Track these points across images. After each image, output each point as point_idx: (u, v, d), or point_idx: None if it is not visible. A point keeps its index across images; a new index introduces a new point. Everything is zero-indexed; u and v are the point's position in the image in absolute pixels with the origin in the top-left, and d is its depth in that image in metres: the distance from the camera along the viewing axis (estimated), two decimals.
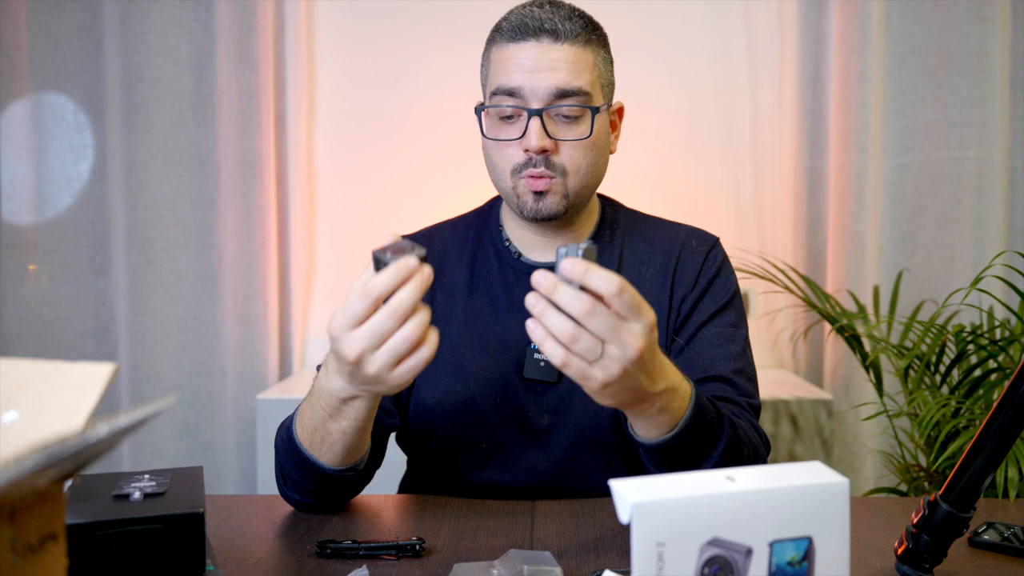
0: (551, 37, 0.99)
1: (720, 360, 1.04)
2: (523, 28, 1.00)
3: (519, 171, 1.02)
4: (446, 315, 1.09)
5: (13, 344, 2.02)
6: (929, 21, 2.04)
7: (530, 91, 0.99)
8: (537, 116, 0.99)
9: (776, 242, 2.15)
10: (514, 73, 1.00)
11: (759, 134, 2.15)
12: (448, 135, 2.16)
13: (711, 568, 0.54)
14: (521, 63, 1.00)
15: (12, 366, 0.51)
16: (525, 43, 1.00)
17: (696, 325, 1.07)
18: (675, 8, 2.15)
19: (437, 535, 0.89)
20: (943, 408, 1.54)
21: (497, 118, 1.03)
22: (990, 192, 2.05)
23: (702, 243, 1.12)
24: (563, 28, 1.00)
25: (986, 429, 0.73)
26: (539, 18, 1.00)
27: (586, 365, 0.73)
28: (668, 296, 1.08)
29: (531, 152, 1.00)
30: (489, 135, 1.04)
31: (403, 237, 1.14)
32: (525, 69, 0.99)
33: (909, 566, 0.76)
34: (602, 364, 0.72)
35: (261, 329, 2.08)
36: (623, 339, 0.72)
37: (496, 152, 1.04)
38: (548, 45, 0.99)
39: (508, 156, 1.02)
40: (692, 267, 1.09)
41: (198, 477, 0.82)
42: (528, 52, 1.00)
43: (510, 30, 1.01)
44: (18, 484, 0.40)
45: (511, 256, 1.11)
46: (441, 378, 1.07)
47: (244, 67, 2.03)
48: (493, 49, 1.04)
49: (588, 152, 1.02)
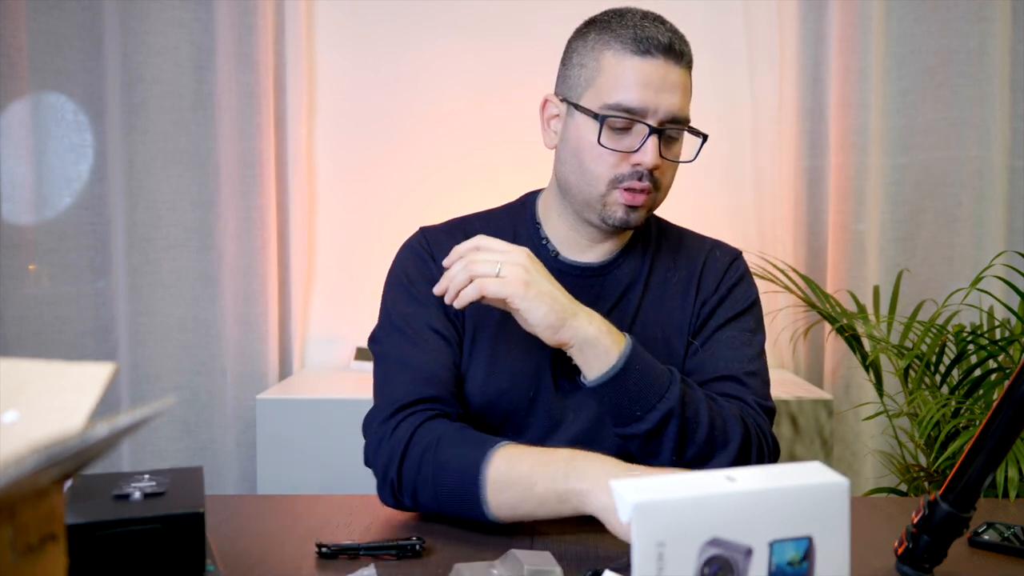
0: (675, 58, 1.00)
1: (734, 361, 1.05)
2: (652, 43, 0.99)
3: (620, 181, 1.02)
4: (485, 311, 1.07)
5: (13, 344, 2.02)
6: (929, 21, 2.04)
7: (652, 110, 0.99)
8: (656, 135, 1.00)
9: (776, 242, 2.15)
10: (637, 91, 0.99)
11: (759, 134, 2.15)
12: (448, 135, 2.16)
13: (711, 568, 0.54)
14: (647, 80, 0.99)
15: (12, 366, 0.51)
16: (653, 59, 0.99)
17: (713, 328, 1.09)
18: (675, 8, 2.13)
19: (437, 535, 0.89)
20: (943, 408, 1.54)
21: (609, 129, 1.01)
22: (990, 192, 2.05)
23: (725, 254, 1.15)
24: (683, 51, 1.01)
25: (986, 429, 0.73)
26: (666, 35, 1.00)
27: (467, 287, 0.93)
28: (692, 302, 1.10)
29: (643, 168, 1.00)
30: (605, 143, 1.02)
31: (432, 227, 1.16)
32: (650, 88, 0.99)
33: (909, 566, 0.76)
34: (485, 257, 0.94)
35: (261, 329, 2.07)
36: (491, 244, 0.96)
37: (596, 159, 1.02)
38: (672, 66, 1.00)
39: (611, 165, 1.01)
40: (715, 275, 1.12)
41: (198, 477, 0.82)
42: (655, 70, 0.99)
43: (634, 41, 0.99)
44: (18, 484, 0.40)
45: (548, 254, 1.10)
46: (480, 373, 1.07)
47: (244, 67, 2.03)
48: (607, 54, 1.01)
49: (670, 176, 1.06)
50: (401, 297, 1.09)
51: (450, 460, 0.90)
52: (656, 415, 0.93)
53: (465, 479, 0.89)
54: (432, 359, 1.03)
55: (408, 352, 1.03)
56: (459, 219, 1.17)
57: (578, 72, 1.04)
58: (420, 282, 1.08)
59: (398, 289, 1.10)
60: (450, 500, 0.90)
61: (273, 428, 1.83)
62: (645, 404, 0.94)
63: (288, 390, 1.93)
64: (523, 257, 0.94)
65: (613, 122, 1.00)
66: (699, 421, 0.95)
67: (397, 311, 1.07)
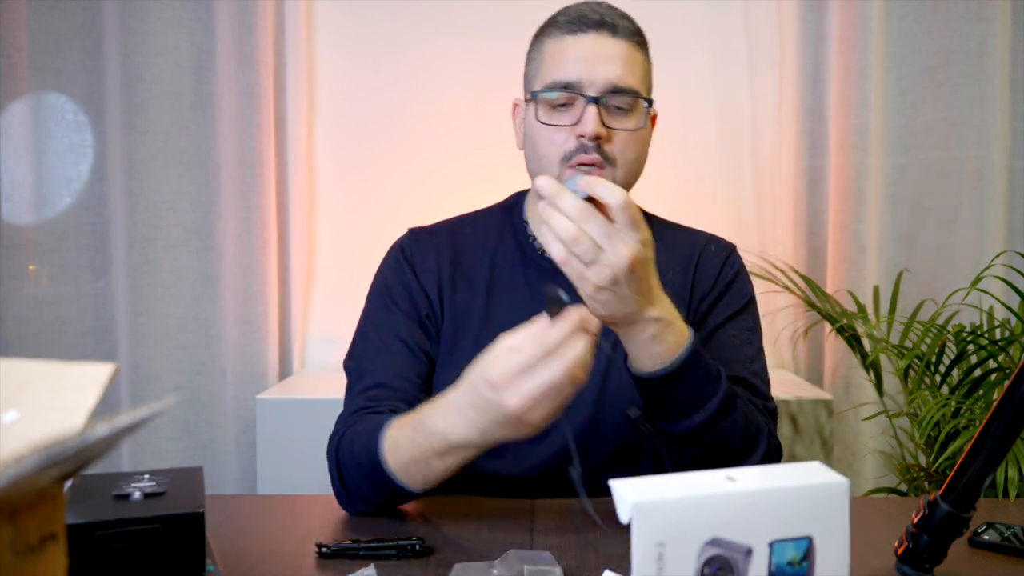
0: (609, 31, 1.01)
1: (736, 362, 1.04)
2: (583, 20, 1.01)
3: (569, 158, 1.01)
4: (468, 308, 1.09)
5: (13, 344, 2.02)
6: (929, 21, 2.04)
7: (588, 81, 1.00)
8: (594, 103, 0.99)
9: (776, 242, 2.15)
10: (571, 65, 1.00)
11: (759, 134, 2.15)
12: (448, 135, 2.16)
13: (711, 568, 0.54)
14: (579, 54, 1.00)
15: (12, 366, 0.51)
16: (584, 35, 1.01)
17: (712, 327, 1.08)
18: (675, 8, 2.15)
19: (437, 535, 0.89)
20: (943, 408, 1.54)
21: (549, 107, 1.02)
22: (990, 192, 2.05)
23: (720, 249, 1.14)
24: (620, 25, 1.02)
25: (986, 429, 0.73)
26: (598, 12, 1.02)
27: (582, 266, 0.79)
28: (688, 298, 1.09)
29: (585, 138, 0.99)
30: (543, 120, 1.03)
31: (419, 228, 1.14)
32: (583, 61, 1.00)
33: (909, 566, 0.76)
34: (595, 267, 0.79)
35: (261, 329, 2.07)
36: (616, 245, 0.78)
37: (544, 139, 1.03)
38: (606, 39, 1.01)
39: (557, 144, 1.02)
40: (711, 271, 1.11)
41: (198, 477, 0.82)
42: (587, 44, 1.00)
43: (568, 22, 1.02)
44: (18, 484, 0.40)
45: (534, 252, 1.11)
46: (461, 370, 1.06)
47: (244, 67, 2.03)
48: (548, 41, 1.04)
49: (637, 145, 1.03)
50: (376, 302, 1.11)
51: (356, 445, 0.94)
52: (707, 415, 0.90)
53: (371, 459, 0.90)
54: (389, 370, 1.04)
55: (368, 360, 1.06)
56: (449, 220, 1.19)
57: (529, 69, 1.09)
58: (396, 288, 1.10)
59: (375, 293, 1.12)
60: (366, 482, 0.92)
61: (273, 428, 1.83)
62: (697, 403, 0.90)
63: (288, 390, 1.93)
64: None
65: (553, 100, 1.01)
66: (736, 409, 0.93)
67: (370, 316, 1.10)
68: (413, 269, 1.10)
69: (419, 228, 1.17)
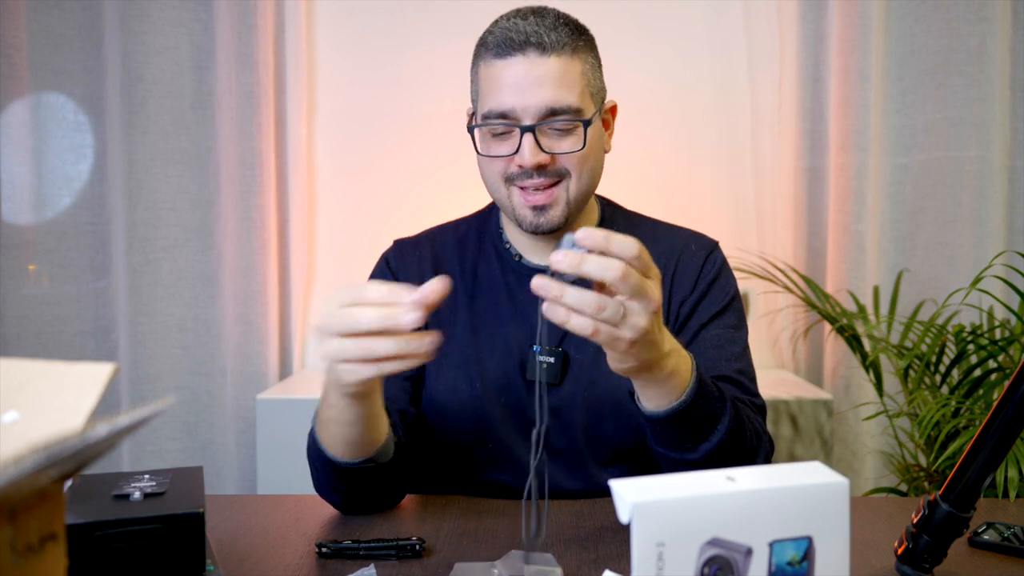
0: (537, 51, 0.97)
1: (722, 360, 1.04)
2: (508, 43, 0.98)
3: (513, 180, 1.02)
4: (451, 318, 1.10)
5: (13, 344, 2.02)
6: (929, 21, 2.04)
7: (522, 109, 0.98)
8: (530, 132, 0.98)
9: (776, 242, 2.14)
10: (504, 94, 0.98)
11: (759, 134, 2.15)
12: (448, 135, 2.15)
13: (711, 568, 0.54)
14: (509, 82, 0.98)
15: (12, 366, 0.51)
16: (512, 59, 0.98)
17: (696, 327, 1.07)
18: (674, 8, 2.15)
19: (437, 535, 0.89)
20: (943, 408, 1.54)
21: (490, 135, 1.02)
22: (990, 192, 2.05)
23: (701, 247, 1.12)
24: (549, 40, 0.98)
25: (986, 429, 0.73)
26: (524, 31, 0.98)
27: (613, 328, 0.74)
28: (667, 300, 1.08)
29: (526, 167, 0.99)
30: (483, 151, 1.03)
31: (403, 240, 1.14)
32: (514, 88, 0.98)
33: (909, 566, 0.76)
34: (628, 323, 0.74)
35: (261, 329, 2.08)
36: (648, 293, 0.73)
37: (488, 167, 1.04)
38: (535, 59, 0.97)
39: (501, 170, 1.02)
40: (691, 270, 1.09)
41: (198, 477, 0.82)
42: (515, 69, 0.98)
43: (495, 45, 0.99)
44: (18, 484, 0.40)
45: (512, 259, 1.11)
46: (450, 379, 1.07)
47: (244, 67, 2.03)
48: (481, 65, 1.03)
49: (584, 162, 1.02)
50: None
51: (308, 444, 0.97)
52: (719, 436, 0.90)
53: (312, 438, 0.94)
54: None
55: None
56: (432, 230, 1.20)
57: (473, 91, 1.08)
58: None
59: None
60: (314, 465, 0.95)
61: (273, 428, 1.83)
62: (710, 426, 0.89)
63: (288, 390, 1.94)
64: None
65: (493, 128, 1.01)
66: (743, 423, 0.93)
67: None
68: (398, 280, 1.11)
69: (403, 239, 1.19)
